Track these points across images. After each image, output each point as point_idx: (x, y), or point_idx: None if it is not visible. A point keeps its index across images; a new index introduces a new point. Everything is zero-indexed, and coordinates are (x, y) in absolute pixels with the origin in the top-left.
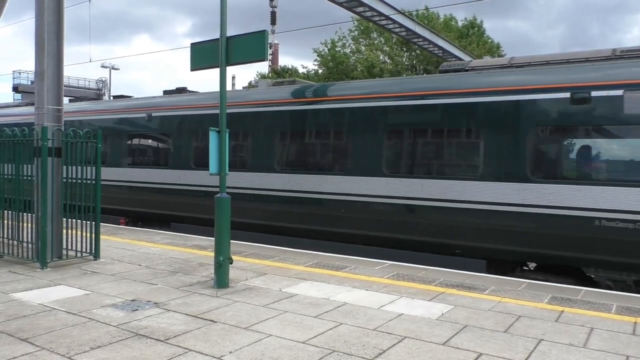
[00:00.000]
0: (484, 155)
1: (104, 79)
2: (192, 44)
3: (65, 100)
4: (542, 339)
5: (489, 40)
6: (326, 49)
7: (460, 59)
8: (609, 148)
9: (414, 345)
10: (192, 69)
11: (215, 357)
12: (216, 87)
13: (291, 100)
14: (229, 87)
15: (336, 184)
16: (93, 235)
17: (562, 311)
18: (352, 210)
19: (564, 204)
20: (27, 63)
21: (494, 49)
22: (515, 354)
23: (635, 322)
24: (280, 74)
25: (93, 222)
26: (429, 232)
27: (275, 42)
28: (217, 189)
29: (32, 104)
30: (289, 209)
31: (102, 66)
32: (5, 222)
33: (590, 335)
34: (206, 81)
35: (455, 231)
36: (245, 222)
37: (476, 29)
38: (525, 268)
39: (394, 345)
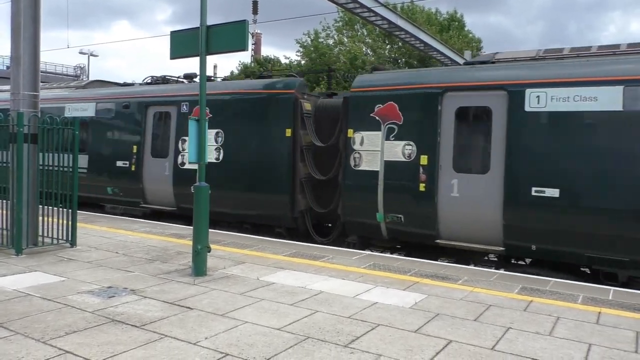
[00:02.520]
0: None
1: (82, 66)
2: (172, 32)
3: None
4: (510, 327)
5: (470, 34)
6: (309, 40)
7: (442, 53)
8: None
9: (387, 333)
10: (172, 58)
11: (190, 343)
12: None
13: None
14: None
15: None
16: (70, 222)
17: (531, 301)
18: None
19: None
20: (2, 48)
21: (473, 43)
22: (484, 341)
23: (600, 312)
24: (262, 64)
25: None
26: None
27: (258, 31)
28: None
29: None
30: None
31: (81, 52)
32: None
33: (556, 324)
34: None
35: None
36: None
37: (457, 22)
38: None
39: (367, 332)
